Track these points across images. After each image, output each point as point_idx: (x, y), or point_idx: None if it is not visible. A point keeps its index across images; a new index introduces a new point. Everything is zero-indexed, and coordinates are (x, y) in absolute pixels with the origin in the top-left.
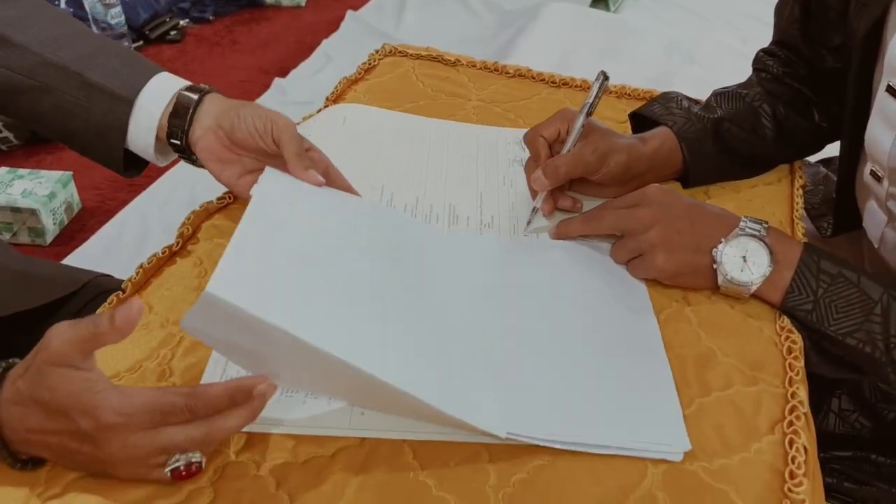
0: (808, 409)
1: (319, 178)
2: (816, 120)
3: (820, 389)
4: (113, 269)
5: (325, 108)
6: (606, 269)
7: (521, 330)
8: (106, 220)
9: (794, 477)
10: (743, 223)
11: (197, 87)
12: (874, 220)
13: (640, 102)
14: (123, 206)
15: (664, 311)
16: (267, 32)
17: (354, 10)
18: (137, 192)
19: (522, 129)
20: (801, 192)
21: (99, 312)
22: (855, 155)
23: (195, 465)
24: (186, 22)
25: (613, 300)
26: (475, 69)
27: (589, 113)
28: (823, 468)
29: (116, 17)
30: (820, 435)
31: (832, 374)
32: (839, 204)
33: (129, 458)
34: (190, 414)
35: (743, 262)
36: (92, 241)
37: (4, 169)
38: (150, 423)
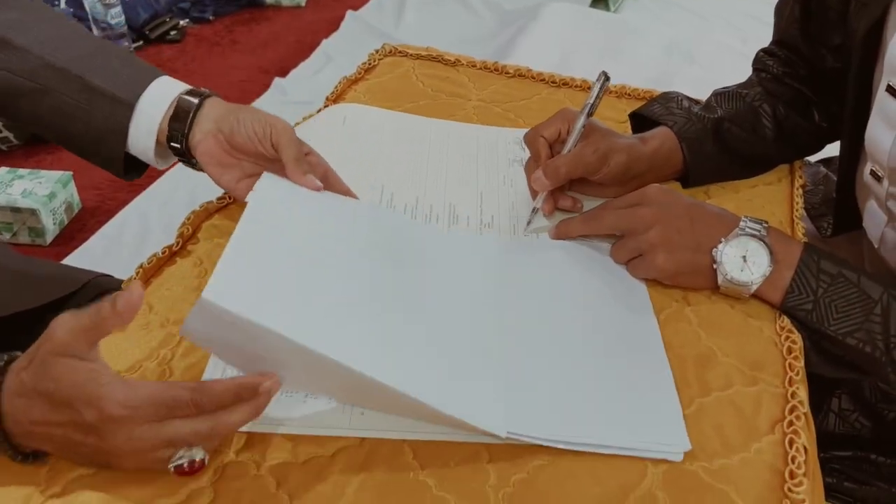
0: (808, 408)
1: (317, 182)
2: (816, 120)
3: (820, 389)
4: (113, 269)
5: (325, 107)
6: (606, 269)
7: (521, 330)
8: (106, 220)
9: (794, 477)
10: (743, 223)
11: (197, 90)
12: (874, 219)
13: (640, 102)
14: (123, 206)
15: (664, 310)
16: (267, 32)
17: (354, 9)
18: (137, 192)
19: (522, 129)
20: (801, 191)
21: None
22: (855, 155)
23: (198, 461)
24: (186, 22)
25: (613, 300)
26: (475, 69)
27: (590, 113)
28: (823, 468)
29: (116, 17)
30: (820, 435)
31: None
32: (839, 204)
33: (133, 450)
34: (195, 408)
35: (743, 261)
36: (92, 241)
37: (4, 169)
38: (155, 416)
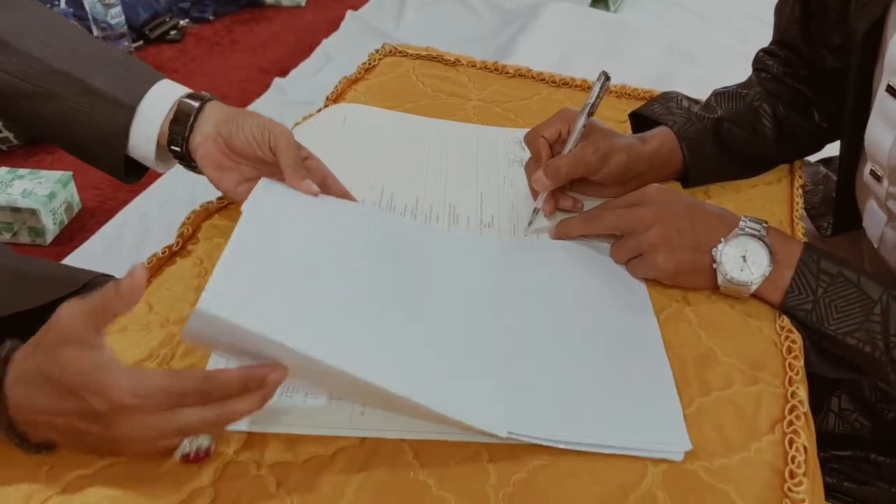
0: (807, 408)
1: (315, 187)
2: (816, 120)
3: (820, 389)
4: (113, 269)
5: (325, 107)
6: (606, 269)
7: (521, 330)
8: (106, 220)
9: (793, 476)
10: (743, 223)
11: (198, 94)
12: (874, 219)
13: (640, 102)
14: (123, 206)
15: (664, 310)
16: (267, 32)
17: (354, 9)
18: (137, 192)
19: (522, 128)
20: (800, 191)
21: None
22: (855, 155)
23: (205, 449)
24: (186, 22)
25: (613, 300)
26: (475, 69)
27: (590, 113)
28: (823, 468)
29: (116, 17)
30: (820, 434)
31: (832, 373)
32: (839, 203)
33: (140, 438)
34: (204, 398)
35: (743, 261)
36: (92, 241)
37: (4, 169)
38: (165, 405)
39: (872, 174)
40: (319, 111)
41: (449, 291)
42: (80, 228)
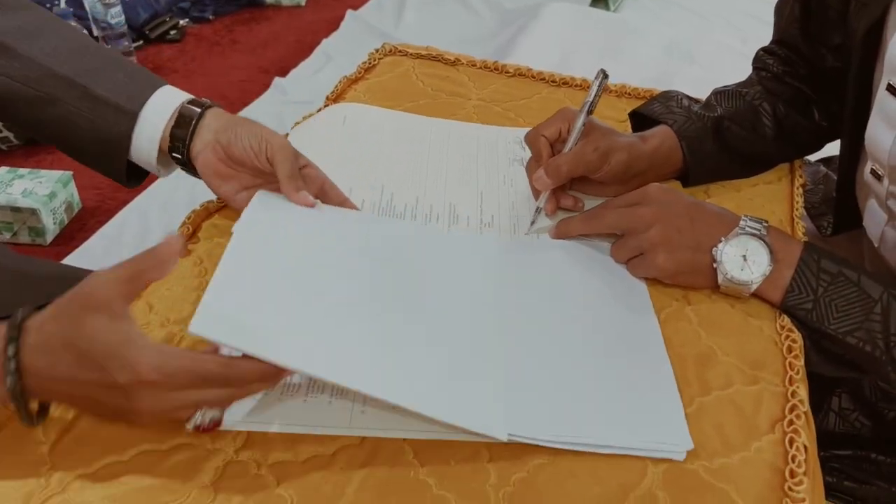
0: (808, 407)
1: (310, 199)
2: (816, 119)
3: (820, 388)
4: None
5: (325, 107)
6: (607, 268)
7: (521, 330)
8: (106, 219)
9: (794, 476)
10: (743, 222)
11: (199, 101)
12: (874, 218)
13: (640, 101)
14: (123, 206)
15: (664, 310)
16: (267, 32)
17: (354, 9)
18: (137, 192)
19: (523, 128)
20: (801, 190)
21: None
22: (855, 154)
23: (216, 420)
24: (186, 21)
25: (614, 300)
26: (475, 68)
27: (589, 112)
28: (823, 467)
29: (116, 16)
30: (820, 434)
31: (832, 372)
32: (839, 203)
33: (158, 411)
34: (224, 382)
35: (743, 261)
36: (92, 240)
37: (4, 169)
38: (187, 385)
39: (873, 173)
40: (319, 111)
41: (449, 291)
42: (80, 228)
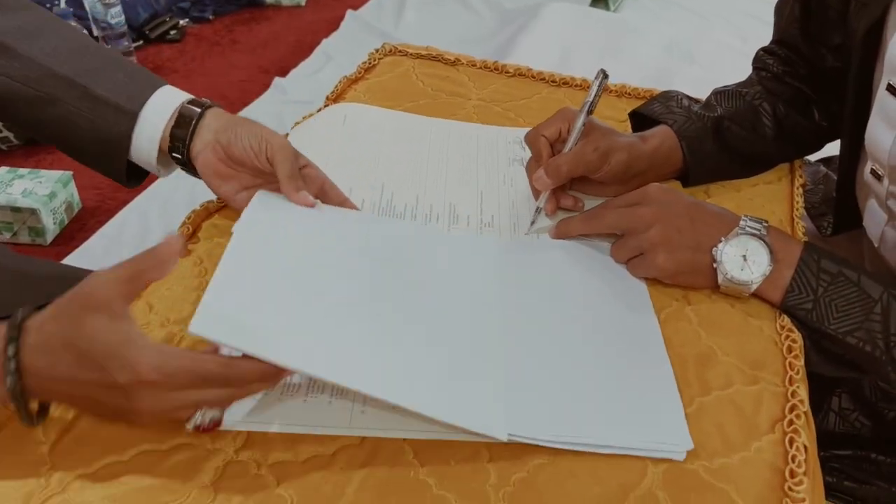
0: (808, 407)
1: (310, 199)
2: (816, 119)
3: (820, 388)
4: None
5: (325, 107)
6: (607, 268)
7: (521, 330)
8: (106, 219)
9: (794, 476)
10: (743, 222)
11: (199, 101)
12: (874, 218)
13: (639, 101)
14: (123, 205)
15: (664, 310)
16: (267, 32)
17: (354, 9)
18: (137, 192)
19: (523, 128)
20: (801, 190)
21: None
22: (855, 154)
23: (216, 420)
24: (186, 21)
25: (614, 299)
26: (475, 68)
27: (589, 111)
28: (823, 467)
29: (116, 16)
30: (820, 434)
31: (832, 372)
32: (839, 203)
33: (158, 410)
34: (224, 382)
35: (743, 261)
36: (92, 240)
37: (4, 169)
38: (188, 385)
39: (873, 173)
40: (319, 111)
41: (449, 291)
42: (80, 228)
